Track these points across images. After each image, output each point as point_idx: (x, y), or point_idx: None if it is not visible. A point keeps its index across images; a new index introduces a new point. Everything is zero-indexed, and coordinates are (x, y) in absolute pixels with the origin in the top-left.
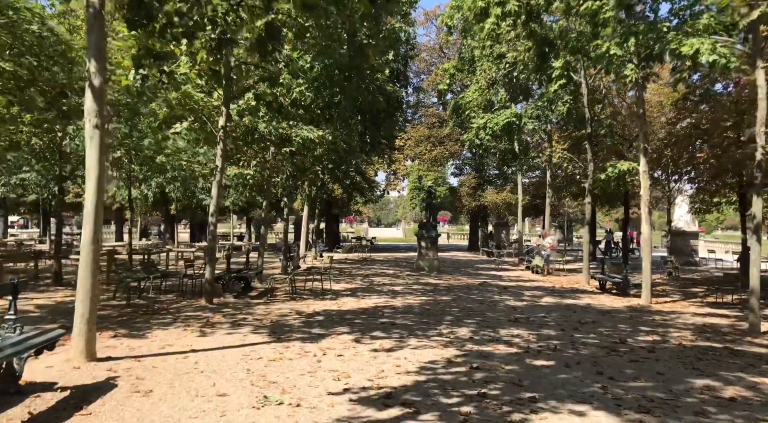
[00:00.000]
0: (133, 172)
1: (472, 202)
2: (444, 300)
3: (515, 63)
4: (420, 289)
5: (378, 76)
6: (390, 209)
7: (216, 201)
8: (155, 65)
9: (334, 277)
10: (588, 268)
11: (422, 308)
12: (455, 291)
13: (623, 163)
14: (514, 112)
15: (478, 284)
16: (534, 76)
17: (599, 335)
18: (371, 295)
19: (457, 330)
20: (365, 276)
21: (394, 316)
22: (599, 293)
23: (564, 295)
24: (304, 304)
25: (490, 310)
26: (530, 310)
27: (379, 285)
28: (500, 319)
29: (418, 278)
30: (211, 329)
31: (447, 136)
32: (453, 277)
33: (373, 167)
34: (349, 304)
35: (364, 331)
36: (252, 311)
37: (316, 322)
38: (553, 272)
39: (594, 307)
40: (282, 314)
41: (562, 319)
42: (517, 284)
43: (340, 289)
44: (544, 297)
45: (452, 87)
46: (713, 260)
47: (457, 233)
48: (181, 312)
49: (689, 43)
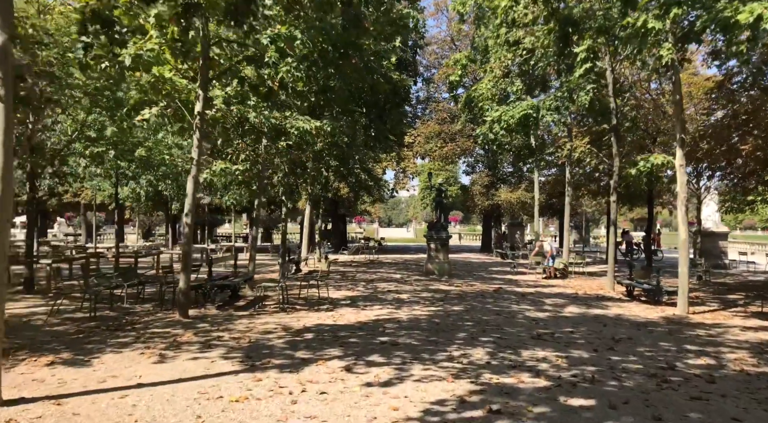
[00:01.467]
0: (121, 168)
1: (485, 201)
2: (456, 311)
3: (533, 49)
4: (429, 297)
5: (384, 64)
6: (401, 209)
7: (191, 199)
8: (103, 33)
9: (335, 283)
10: (613, 272)
11: (430, 322)
12: (468, 299)
13: (657, 156)
14: (531, 104)
15: (494, 291)
16: (553, 64)
17: (641, 358)
18: (373, 305)
19: (471, 352)
20: (369, 281)
21: (396, 333)
22: (627, 301)
23: (589, 303)
24: (295, 316)
25: (509, 323)
26: (554, 322)
27: (384, 292)
28: (521, 336)
29: (428, 284)
30: (175, 352)
31: (459, 132)
32: (465, 283)
33: (381, 165)
34: (347, 316)
35: (359, 354)
36: (231, 327)
37: (302, 342)
38: (555, 275)
39: (626, 318)
40: (266, 331)
41: (592, 334)
42: (535, 290)
43: (339, 298)
44: (567, 306)
45: (464, 79)
46: (744, 263)
47: (469, 234)
48: (148, 328)
49: (748, 9)
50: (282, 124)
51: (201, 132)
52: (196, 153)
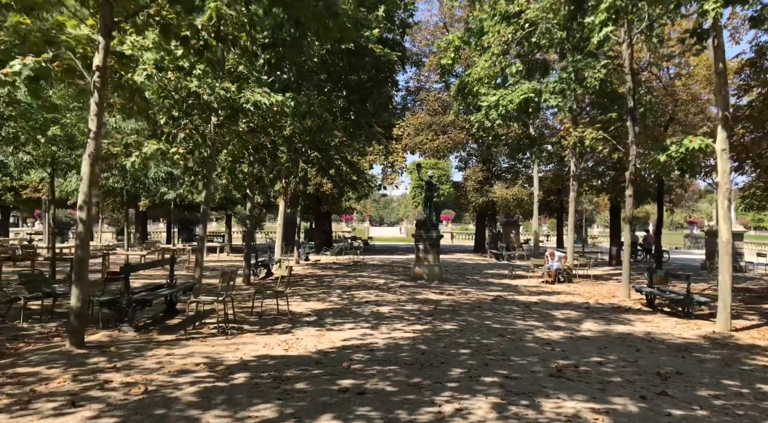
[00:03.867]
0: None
1: (479, 197)
2: (448, 331)
3: (535, 23)
4: (415, 311)
5: (364, 34)
6: (393, 208)
7: (87, 188)
8: None
9: (306, 290)
10: (628, 277)
11: (414, 349)
12: (463, 313)
13: (692, 139)
14: (532, 86)
15: (492, 300)
16: (559, 40)
17: (711, 410)
18: (344, 323)
19: (470, 405)
20: (347, 288)
21: (366, 371)
22: (649, 312)
23: (607, 317)
24: (236, 343)
25: (517, 349)
26: (573, 347)
27: (361, 303)
28: (536, 372)
29: (415, 291)
30: (11, 416)
31: (451, 123)
32: (459, 289)
33: (367, 159)
34: (305, 341)
35: (303, 416)
36: (136, 363)
37: (225, 392)
38: (558, 279)
39: (658, 338)
40: (181, 369)
41: (627, 366)
42: (540, 299)
43: (303, 312)
44: (582, 321)
45: (457, 66)
46: (763, 265)
47: (461, 233)
48: (18, 362)
49: None
50: (234, 98)
51: (100, 94)
52: (95, 123)
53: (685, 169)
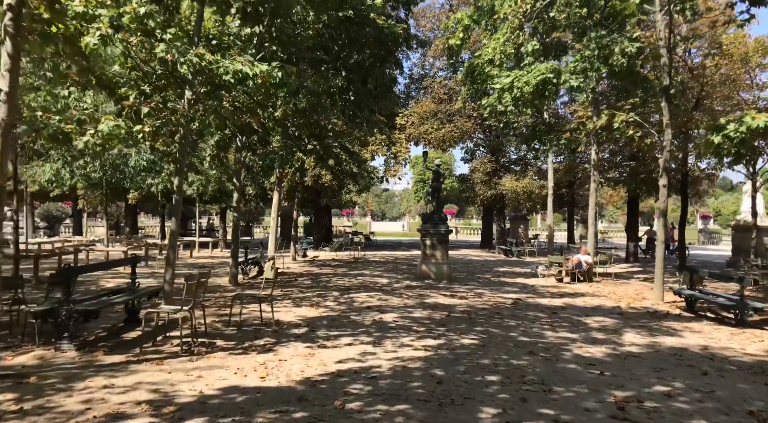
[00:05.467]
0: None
1: (488, 190)
2: (467, 347)
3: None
4: (425, 319)
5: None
6: (395, 203)
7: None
8: None
9: (299, 292)
10: (663, 277)
11: (428, 377)
12: (481, 321)
13: (757, 116)
14: (550, 66)
15: (512, 304)
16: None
17: None
18: (340, 337)
19: None
20: (345, 290)
21: (365, 415)
22: (692, 319)
23: (647, 325)
24: (198, 367)
25: (558, 375)
26: (624, 369)
27: (361, 309)
28: (591, 411)
29: (423, 293)
30: None
31: (458, 111)
32: (471, 291)
33: (369, 149)
34: (288, 365)
35: None
36: (57, 400)
37: None
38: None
39: (721, 355)
40: (112, 414)
41: (704, 398)
42: (564, 302)
43: (291, 322)
44: (622, 331)
45: (465, 49)
46: None
47: (465, 228)
48: None
49: None
50: (210, 67)
51: (14, 43)
52: (7, 80)
53: (743, 152)
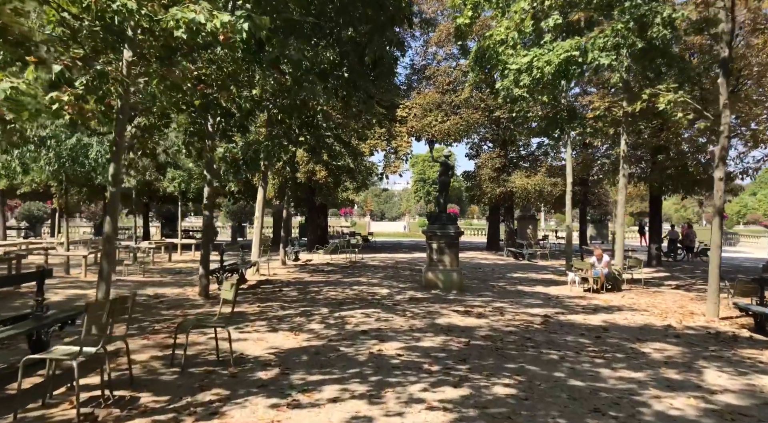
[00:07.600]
0: None
1: (496, 188)
2: (502, 402)
3: None
4: (437, 349)
5: None
6: (394, 203)
7: None
8: None
9: (280, 307)
10: (718, 290)
11: None
12: (512, 352)
13: None
14: (576, 42)
15: (542, 324)
16: None
17: None
18: (323, 384)
19: None
20: (337, 304)
21: None
22: None
23: (723, 354)
24: None
25: None
26: None
27: (354, 336)
28: None
29: (431, 310)
30: None
31: (464, 102)
32: (488, 305)
33: (367, 144)
34: None
35: None
36: None
37: None
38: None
39: None
40: None
41: None
42: (602, 320)
43: (260, 357)
44: (699, 367)
45: (474, 28)
46: None
47: (467, 228)
48: None
49: None
50: (155, 17)
51: None
52: None
53: None
